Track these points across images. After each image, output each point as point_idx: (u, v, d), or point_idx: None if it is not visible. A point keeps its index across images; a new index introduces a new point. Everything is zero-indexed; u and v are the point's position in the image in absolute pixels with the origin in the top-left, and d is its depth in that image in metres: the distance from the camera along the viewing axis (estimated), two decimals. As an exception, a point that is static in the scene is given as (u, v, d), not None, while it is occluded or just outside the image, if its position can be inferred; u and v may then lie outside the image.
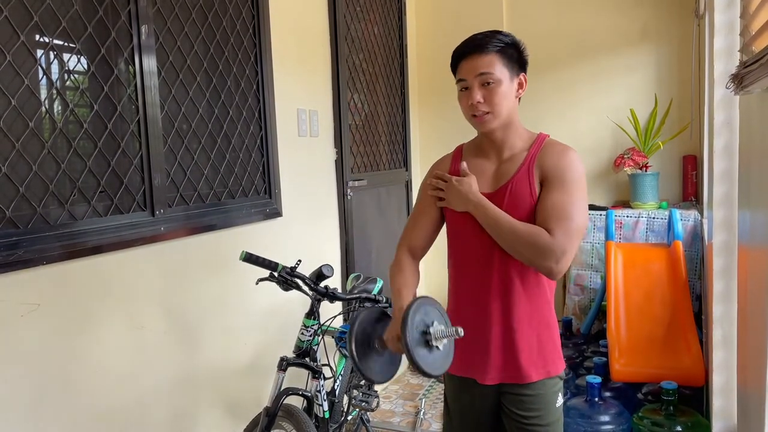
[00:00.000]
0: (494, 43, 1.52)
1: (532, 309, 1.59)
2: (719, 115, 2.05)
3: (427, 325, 1.41)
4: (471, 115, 1.56)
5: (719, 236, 2.08)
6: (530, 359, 1.58)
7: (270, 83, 2.63)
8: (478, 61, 1.51)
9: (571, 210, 1.47)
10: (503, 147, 1.60)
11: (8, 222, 1.61)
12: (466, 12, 4.04)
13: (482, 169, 1.62)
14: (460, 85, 1.56)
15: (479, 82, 1.51)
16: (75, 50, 1.83)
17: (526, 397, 1.59)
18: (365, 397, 2.34)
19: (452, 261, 1.68)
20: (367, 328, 1.53)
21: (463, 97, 1.56)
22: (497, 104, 1.52)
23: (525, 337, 1.58)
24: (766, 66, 1.12)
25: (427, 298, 1.47)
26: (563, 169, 1.51)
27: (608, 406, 2.68)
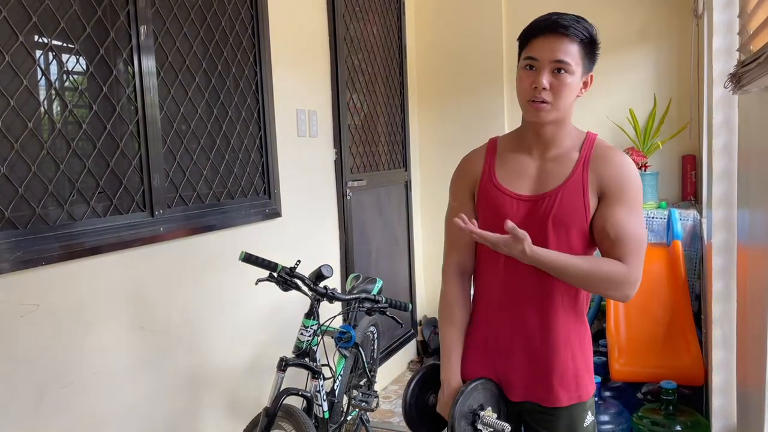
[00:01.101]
0: (581, 31, 1.36)
1: (570, 325, 1.46)
2: (718, 114, 2.05)
3: (480, 406, 1.44)
4: (528, 99, 1.38)
5: (718, 236, 2.08)
6: (563, 382, 1.45)
7: (269, 83, 2.63)
8: (560, 44, 1.35)
9: (639, 230, 1.38)
10: (550, 144, 1.44)
11: (7, 222, 1.61)
12: (465, 12, 4.04)
13: (523, 166, 1.46)
14: (526, 62, 1.38)
15: (552, 67, 1.35)
16: (74, 51, 1.83)
17: (550, 417, 1.47)
18: (365, 398, 2.34)
19: (485, 264, 1.52)
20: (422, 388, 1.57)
21: (527, 76, 1.38)
22: (563, 96, 1.36)
23: (561, 357, 1.45)
24: (763, 65, 1.12)
25: (484, 381, 1.47)
26: (626, 181, 1.38)
27: (608, 406, 2.68)
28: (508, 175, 1.47)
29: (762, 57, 1.12)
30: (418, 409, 1.56)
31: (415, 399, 1.55)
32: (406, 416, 1.55)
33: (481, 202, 1.50)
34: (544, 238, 1.39)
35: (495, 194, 1.46)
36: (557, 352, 1.44)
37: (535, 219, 1.41)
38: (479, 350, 1.52)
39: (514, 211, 1.43)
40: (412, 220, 4.07)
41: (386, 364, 3.68)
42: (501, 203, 1.45)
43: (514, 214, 1.42)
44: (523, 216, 1.42)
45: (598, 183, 1.39)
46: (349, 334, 2.40)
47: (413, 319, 4.09)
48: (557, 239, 1.40)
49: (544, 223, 1.40)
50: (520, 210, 1.43)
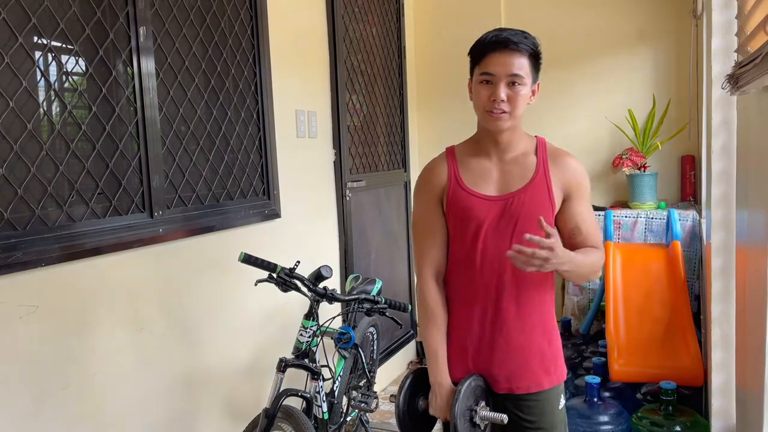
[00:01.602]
0: (529, 46, 1.48)
1: (544, 315, 1.59)
2: (717, 115, 2.05)
3: (475, 402, 1.54)
4: (487, 110, 1.50)
5: (717, 236, 2.08)
6: (543, 366, 1.58)
7: (268, 84, 2.63)
8: (512, 60, 1.47)
9: (594, 219, 1.61)
10: (507, 148, 1.57)
11: (7, 224, 1.61)
12: (464, 13, 4.04)
13: (485, 170, 1.58)
14: (482, 78, 1.49)
15: (508, 80, 1.47)
16: (73, 52, 1.83)
17: (532, 402, 1.58)
18: (364, 398, 2.34)
19: (459, 261, 1.60)
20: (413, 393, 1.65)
21: (484, 89, 1.49)
22: (518, 106, 1.49)
23: (538, 344, 1.58)
24: (760, 66, 1.12)
25: (476, 377, 1.56)
26: (583, 181, 1.58)
27: (607, 407, 2.68)
28: (474, 179, 1.58)
29: (759, 58, 1.12)
30: (411, 414, 1.63)
31: (407, 406, 1.62)
32: (400, 424, 1.62)
33: (452, 206, 1.58)
34: (513, 235, 1.52)
35: (465, 197, 1.57)
36: (535, 340, 1.57)
37: (506, 217, 1.53)
38: (460, 350, 1.60)
39: (486, 211, 1.54)
40: (412, 220, 4.06)
41: (386, 365, 3.68)
42: (472, 205, 1.55)
43: (486, 214, 1.54)
44: (495, 215, 1.54)
45: (562, 184, 1.56)
46: (348, 334, 2.40)
47: (413, 320, 4.09)
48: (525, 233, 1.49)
49: (515, 220, 1.52)
50: (491, 210, 1.54)
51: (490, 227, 1.53)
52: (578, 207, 1.57)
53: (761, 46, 1.12)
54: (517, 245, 1.36)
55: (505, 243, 1.52)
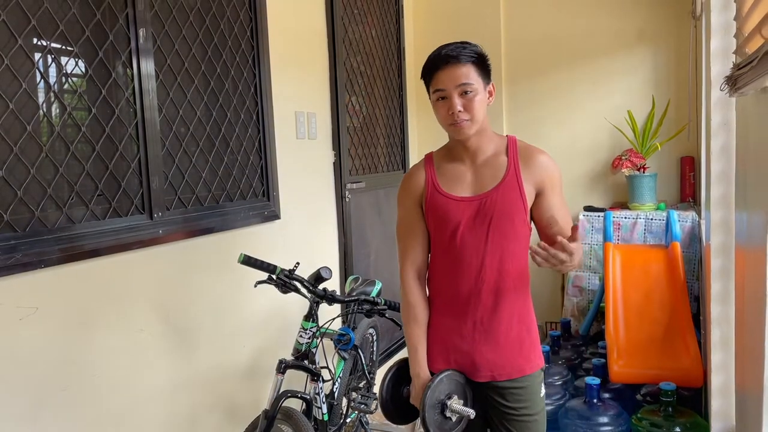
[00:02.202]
0: (469, 54, 1.58)
1: (522, 304, 1.68)
2: (716, 116, 2.05)
3: (447, 396, 1.63)
4: (450, 123, 1.61)
5: (717, 237, 2.09)
6: (522, 352, 1.67)
7: (268, 86, 2.63)
8: (457, 72, 1.57)
9: (567, 209, 1.71)
10: (477, 152, 1.67)
11: (6, 225, 1.61)
12: (463, 15, 4.04)
13: (459, 174, 1.68)
14: (436, 95, 1.61)
15: (459, 91, 1.57)
16: (73, 53, 1.83)
17: (515, 389, 1.66)
18: (364, 400, 2.34)
19: (440, 260, 1.71)
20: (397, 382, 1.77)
21: (442, 106, 1.61)
22: (476, 111, 1.59)
23: (517, 332, 1.67)
24: (757, 68, 1.12)
25: (450, 373, 1.65)
26: (554, 175, 1.67)
27: (607, 408, 2.68)
28: (449, 183, 1.69)
29: (755, 60, 1.13)
30: (395, 401, 1.76)
31: (390, 394, 1.76)
32: (383, 410, 1.76)
33: (430, 209, 1.70)
34: (488, 230, 1.62)
35: (442, 200, 1.67)
36: (513, 328, 1.66)
37: (480, 216, 1.63)
38: (441, 343, 1.70)
39: (462, 212, 1.64)
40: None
41: (386, 366, 3.68)
42: (448, 207, 1.66)
43: (461, 214, 1.64)
44: (470, 215, 1.64)
45: (533, 180, 1.64)
46: (348, 336, 2.40)
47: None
48: (500, 230, 1.62)
49: (489, 218, 1.62)
50: (466, 210, 1.64)
51: (466, 226, 1.63)
52: (551, 199, 1.65)
53: (758, 48, 1.12)
54: (543, 242, 1.45)
55: (481, 240, 1.63)
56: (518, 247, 1.65)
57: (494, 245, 1.62)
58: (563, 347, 3.33)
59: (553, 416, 2.68)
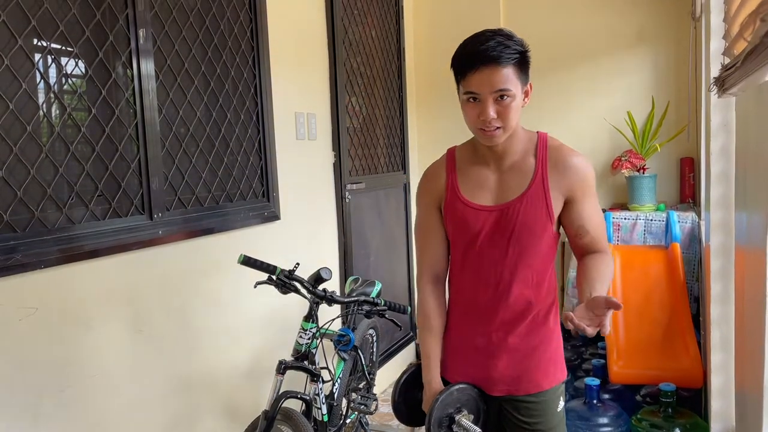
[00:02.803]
0: (510, 55, 1.38)
1: (546, 318, 1.58)
2: (716, 117, 2.05)
3: (457, 409, 1.55)
4: (479, 128, 1.44)
5: (716, 238, 2.09)
6: (540, 367, 1.58)
7: (268, 86, 2.63)
8: (496, 76, 1.37)
9: (601, 218, 1.56)
10: (505, 155, 1.52)
11: (6, 226, 1.61)
12: (463, 15, 4.04)
13: (483, 179, 1.54)
14: (468, 96, 1.43)
15: (494, 97, 1.39)
16: (73, 54, 1.83)
17: (531, 403, 1.58)
18: (364, 400, 2.34)
19: (459, 267, 1.61)
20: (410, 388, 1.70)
21: (472, 108, 1.43)
22: (510, 119, 1.42)
23: (537, 346, 1.57)
24: (741, 69, 1.13)
25: (463, 386, 1.57)
26: (588, 180, 1.52)
27: (607, 408, 2.68)
28: (471, 189, 1.55)
29: (739, 62, 1.13)
30: (407, 403, 1.69)
31: (403, 396, 1.69)
32: (395, 411, 1.69)
33: (449, 216, 1.58)
34: (508, 245, 1.51)
35: (461, 208, 1.55)
36: (534, 343, 1.56)
37: (502, 227, 1.51)
38: (459, 353, 1.62)
39: (482, 222, 1.52)
40: (411, 222, 4.07)
41: (385, 367, 3.68)
42: (467, 216, 1.54)
43: (482, 224, 1.52)
44: (490, 226, 1.52)
45: (562, 186, 1.50)
46: (348, 336, 2.39)
47: (412, 322, 4.09)
48: (521, 243, 1.50)
49: (510, 230, 1.50)
50: (487, 221, 1.52)
51: (485, 237, 1.52)
52: (582, 207, 1.51)
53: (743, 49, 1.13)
54: (570, 316, 1.25)
55: (500, 252, 1.52)
56: (541, 260, 1.53)
57: (515, 258, 1.51)
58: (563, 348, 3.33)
59: (553, 417, 2.68)
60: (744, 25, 1.13)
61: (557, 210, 1.51)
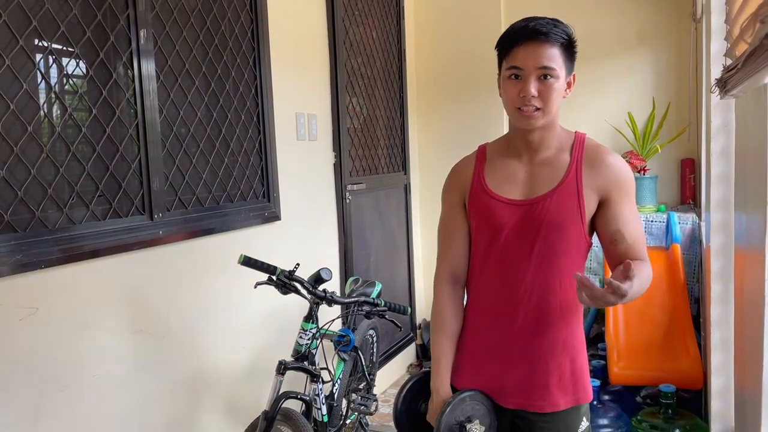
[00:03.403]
0: (560, 35, 1.36)
1: (567, 330, 1.45)
2: (716, 118, 2.06)
3: (467, 418, 1.44)
4: (517, 107, 1.38)
5: (717, 239, 2.09)
6: (560, 385, 1.44)
7: (268, 87, 2.64)
8: (542, 51, 1.34)
9: (640, 224, 1.46)
10: (540, 148, 1.45)
11: (7, 226, 1.61)
12: (464, 16, 4.05)
13: (512, 171, 1.47)
14: (510, 72, 1.37)
15: (538, 74, 1.35)
16: (74, 54, 1.83)
17: (545, 424, 1.45)
18: (364, 401, 2.34)
19: (479, 267, 1.50)
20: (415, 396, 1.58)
21: (512, 86, 1.37)
22: (552, 102, 1.36)
23: (558, 361, 1.44)
24: (742, 71, 1.13)
25: (474, 393, 1.47)
26: (625, 181, 1.43)
27: (607, 410, 2.68)
28: (498, 181, 1.47)
29: (740, 63, 1.13)
30: (409, 415, 1.57)
31: (406, 406, 1.56)
32: (396, 422, 1.57)
33: (473, 209, 1.50)
34: (534, 243, 1.41)
35: (486, 200, 1.47)
36: (555, 356, 1.44)
37: (529, 223, 1.42)
38: (473, 358, 1.51)
39: (507, 216, 1.43)
40: (411, 223, 4.07)
41: (385, 368, 3.68)
42: (493, 209, 1.45)
43: (507, 219, 1.43)
44: (517, 220, 1.43)
45: (597, 186, 1.41)
46: (348, 337, 2.40)
47: (412, 323, 4.09)
48: (549, 242, 1.41)
49: (538, 226, 1.41)
50: (513, 215, 1.43)
51: (511, 233, 1.43)
52: (618, 209, 1.41)
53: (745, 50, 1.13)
54: (585, 278, 1.19)
55: (525, 251, 1.42)
56: (569, 263, 1.42)
57: (540, 258, 1.41)
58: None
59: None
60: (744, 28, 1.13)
61: (590, 211, 1.42)
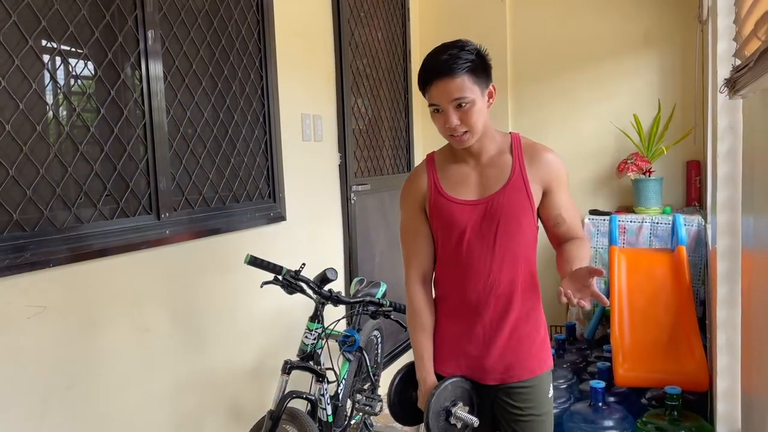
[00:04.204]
0: (462, 64, 1.48)
1: (531, 306, 1.64)
2: (722, 119, 2.05)
3: (452, 402, 1.61)
4: (449, 135, 1.55)
5: (723, 240, 2.09)
6: (532, 352, 1.64)
7: (274, 88, 2.65)
8: (450, 86, 1.48)
9: (575, 207, 1.66)
10: (480, 153, 1.61)
11: (15, 225, 1.62)
12: (469, 17, 4.05)
13: (464, 176, 1.63)
14: (432, 108, 1.55)
15: (454, 105, 1.50)
16: (82, 55, 1.84)
17: (523, 389, 1.64)
18: (368, 401, 2.34)
19: (446, 265, 1.67)
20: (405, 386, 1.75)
21: (438, 118, 1.54)
22: (474, 123, 1.52)
23: (528, 333, 1.63)
24: (753, 70, 1.13)
25: (456, 380, 1.63)
26: (560, 172, 1.62)
27: (612, 411, 2.68)
28: (453, 185, 1.63)
29: (752, 62, 1.13)
30: (402, 404, 1.76)
31: (398, 396, 1.75)
32: (391, 411, 1.76)
33: (434, 213, 1.65)
34: (496, 236, 1.58)
35: (446, 204, 1.62)
36: (522, 330, 1.62)
37: (488, 219, 1.58)
38: (451, 348, 1.67)
39: (467, 216, 1.60)
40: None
41: (390, 369, 3.68)
42: (453, 211, 1.61)
43: (467, 218, 1.60)
44: (477, 219, 1.59)
45: (540, 179, 1.59)
46: (353, 338, 2.40)
47: (417, 324, 4.08)
48: (508, 234, 1.58)
49: (497, 221, 1.58)
50: (472, 214, 1.60)
51: (473, 231, 1.59)
52: (558, 198, 1.61)
53: (756, 50, 1.13)
54: (566, 292, 1.36)
55: (488, 244, 1.59)
56: (526, 249, 1.62)
57: (502, 249, 1.58)
58: (568, 351, 3.33)
59: (558, 420, 2.67)
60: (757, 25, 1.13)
61: (537, 200, 1.60)
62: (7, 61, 1.61)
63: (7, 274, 1.56)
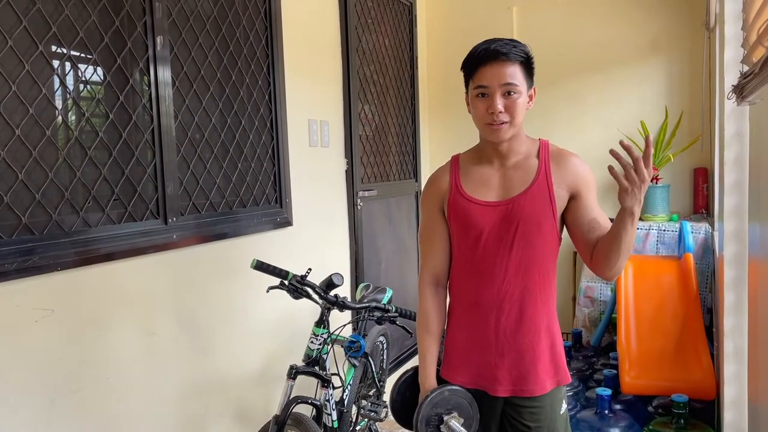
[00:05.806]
0: (518, 54, 1.49)
1: (547, 316, 1.59)
2: (730, 126, 2.05)
3: (447, 411, 1.56)
4: (487, 123, 1.51)
5: (730, 248, 2.08)
6: (545, 369, 1.58)
7: (282, 94, 2.66)
8: (504, 69, 1.48)
9: (605, 215, 1.61)
10: (508, 155, 1.58)
11: (24, 228, 1.64)
12: (476, 24, 4.06)
13: (486, 177, 1.60)
14: (477, 91, 1.51)
15: (502, 91, 1.48)
16: (91, 60, 1.86)
17: (533, 407, 1.58)
18: (374, 407, 2.33)
19: (462, 268, 1.63)
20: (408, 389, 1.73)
21: (481, 103, 1.51)
22: (517, 114, 1.50)
23: (543, 346, 1.58)
24: (759, 76, 1.13)
25: (457, 389, 1.58)
26: (588, 176, 1.58)
27: (618, 419, 2.66)
28: (474, 186, 1.60)
29: (758, 68, 1.13)
30: (403, 402, 1.73)
31: (401, 395, 1.73)
32: (392, 408, 1.75)
33: (452, 213, 1.62)
34: (514, 240, 1.54)
35: (465, 204, 1.59)
36: (539, 342, 1.57)
37: (506, 222, 1.54)
38: (462, 353, 1.63)
39: (486, 217, 1.56)
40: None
41: (395, 374, 3.67)
42: (471, 211, 1.58)
43: (486, 220, 1.56)
44: (495, 221, 1.55)
45: (566, 183, 1.55)
46: (358, 343, 2.40)
47: (423, 330, 4.08)
48: (527, 238, 1.54)
49: (516, 224, 1.53)
50: (491, 216, 1.56)
51: (491, 233, 1.55)
52: (589, 201, 1.57)
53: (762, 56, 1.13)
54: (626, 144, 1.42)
55: (505, 248, 1.54)
56: (545, 256, 1.56)
57: (519, 253, 1.54)
58: (574, 358, 3.32)
59: (564, 427, 2.66)
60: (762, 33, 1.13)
61: (561, 206, 1.56)
62: (18, 66, 1.63)
63: (15, 277, 1.58)
